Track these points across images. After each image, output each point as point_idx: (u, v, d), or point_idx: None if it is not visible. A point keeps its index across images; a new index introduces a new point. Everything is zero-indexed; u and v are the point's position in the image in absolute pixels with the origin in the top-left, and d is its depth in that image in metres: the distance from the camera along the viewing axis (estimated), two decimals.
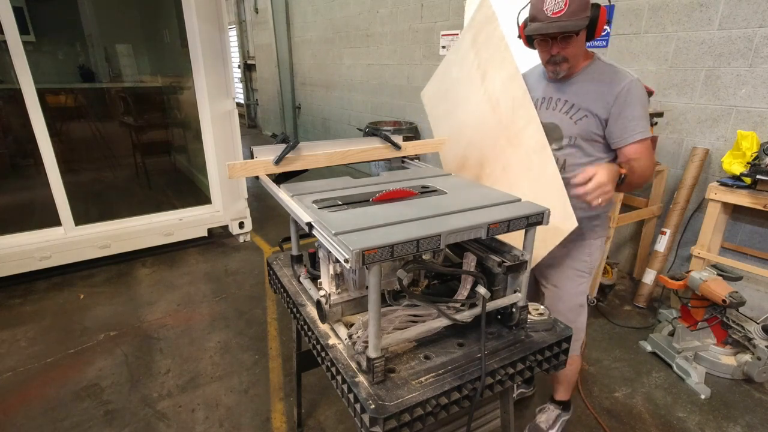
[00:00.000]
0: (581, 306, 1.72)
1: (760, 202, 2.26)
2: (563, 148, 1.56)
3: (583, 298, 1.71)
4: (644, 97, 1.45)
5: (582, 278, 1.68)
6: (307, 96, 7.77)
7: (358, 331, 1.08)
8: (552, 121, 1.57)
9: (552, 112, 1.58)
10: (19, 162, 3.91)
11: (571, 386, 1.93)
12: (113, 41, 4.31)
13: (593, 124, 1.49)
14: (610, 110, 1.45)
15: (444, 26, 4.54)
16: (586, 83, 1.51)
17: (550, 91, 1.59)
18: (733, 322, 2.21)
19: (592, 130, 1.50)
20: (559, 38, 1.43)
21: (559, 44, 1.44)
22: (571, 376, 1.89)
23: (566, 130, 1.54)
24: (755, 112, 2.46)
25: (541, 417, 1.97)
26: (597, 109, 1.47)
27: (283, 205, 1.26)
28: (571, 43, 1.43)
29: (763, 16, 2.35)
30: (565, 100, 1.55)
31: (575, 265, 1.66)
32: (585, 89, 1.50)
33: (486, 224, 1.04)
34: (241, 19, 9.32)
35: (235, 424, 2.00)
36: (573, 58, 1.47)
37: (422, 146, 1.76)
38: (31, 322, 2.72)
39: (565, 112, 1.55)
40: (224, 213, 3.78)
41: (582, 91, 1.51)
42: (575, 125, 1.52)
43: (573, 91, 1.53)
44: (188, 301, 2.98)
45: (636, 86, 1.43)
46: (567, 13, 1.36)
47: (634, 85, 1.43)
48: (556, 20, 1.38)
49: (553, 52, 1.47)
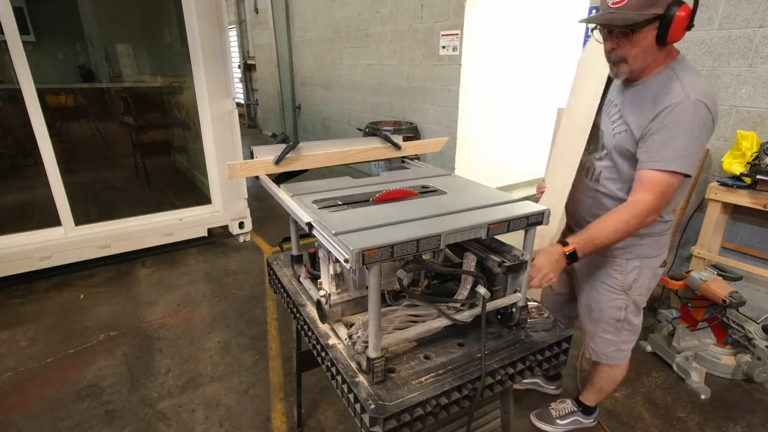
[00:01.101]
0: (619, 321, 1.60)
1: (760, 202, 2.26)
2: (602, 158, 1.46)
3: (621, 314, 1.59)
4: (691, 124, 1.20)
5: (611, 293, 1.57)
6: (307, 96, 7.77)
7: (358, 331, 1.08)
8: (602, 127, 1.46)
9: (605, 118, 1.46)
10: (19, 162, 3.91)
11: (598, 392, 1.86)
12: (113, 41, 4.31)
13: (629, 141, 1.33)
14: (647, 129, 1.27)
15: (444, 26, 4.54)
16: (643, 94, 1.32)
17: (618, 93, 1.44)
18: (733, 322, 2.21)
19: (628, 147, 1.34)
20: (615, 33, 1.25)
21: (614, 40, 1.26)
22: (600, 381, 1.80)
23: (607, 141, 1.43)
24: (755, 112, 2.46)
25: (556, 405, 1.97)
26: (636, 124, 1.31)
27: (283, 205, 1.26)
28: (628, 41, 1.24)
29: (763, 16, 2.35)
30: (618, 108, 1.41)
31: (602, 278, 1.58)
32: (637, 101, 1.33)
33: (486, 224, 1.04)
34: (241, 19, 9.32)
35: (235, 424, 2.00)
36: (633, 60, 1.27)
37: (422, 146, 1.75)
38: (31, 322, 2.72)
39: (612, 121, 1.41)
40: (224, 213, 3.78)
41: (634, 101, 1.34)
42: (613, 137, 1.40)
43: (628, 99, 1.37)
44: (188, 301, 2.98)
45: (685, 108, 1.20)
46: (627, 5, 1.17)
47: (685, 107, 1.20)
48: (612, 11, 1.20)
49: (606, 49, 1.31)
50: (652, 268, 1.53)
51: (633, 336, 1.66)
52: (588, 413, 1.93)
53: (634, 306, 1.59)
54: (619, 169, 1.41)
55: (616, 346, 1.66)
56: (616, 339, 1.64)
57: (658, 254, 1.52)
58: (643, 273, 1.53)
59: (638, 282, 1.54)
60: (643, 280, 1.54)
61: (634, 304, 1.58)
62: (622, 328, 1.62)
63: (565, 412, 1.94)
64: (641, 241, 1.48)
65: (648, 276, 1.54)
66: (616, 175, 1.43)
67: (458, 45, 4.40)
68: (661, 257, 1.54)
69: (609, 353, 1.68)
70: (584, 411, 1.93)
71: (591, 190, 1.52)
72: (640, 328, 1.66)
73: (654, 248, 1.51)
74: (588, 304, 1.67)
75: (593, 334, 1.68)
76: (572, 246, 1.28)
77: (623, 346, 1.67)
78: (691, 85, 1.23)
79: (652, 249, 1.50)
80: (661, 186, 1.25)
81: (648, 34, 1.22)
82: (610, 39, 1.28)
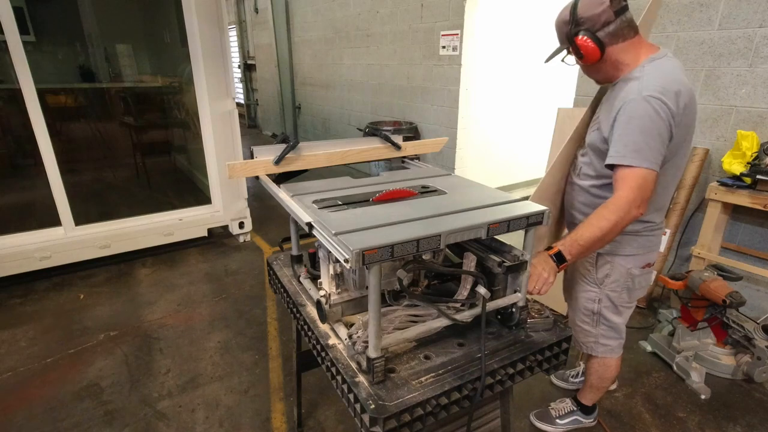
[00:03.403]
0: (594, 314, 1.65)
1: (760, 202, 2.26)
2: (584, 155, 1.53)
3: (594, 306, 1.63)
4: (641, 120, 1.25)
5: (586, 286, 1.63)
6: (307, 96, 7.77)
7: (358, 331, 1.08)
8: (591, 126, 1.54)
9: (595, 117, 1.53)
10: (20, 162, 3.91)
11: (594, 391, 1.88)
12: (113, 41, 4.31)
13: (599, 138, 1.41)
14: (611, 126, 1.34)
15: (444, 26, 4.54)
16: (614, 93, 1.40)
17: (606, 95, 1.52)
18: (733, 322, 2.21)
19: (598, 144, 1.42)
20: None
21: None
22: (591, 377, 1.83)
23: (587, 138, 1.52)
24: (755, 112, 2.46)
25: (555, 404, 1.98)
26: (605, 123, 1.39)
27: (283, 205, 1.26)
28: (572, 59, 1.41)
29: (763, 16, 2.35)
30: (599, 109, 1.50)
31: (578, 267, 1.64)
32: (610, 100, 1.42)
33: (486, 224, 1.04)
34: (241, 19, 9.32)
35: (235, 424, 2.00)
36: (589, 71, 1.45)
37: (422, 146, 1.76)
38: (31, 322, 2.72)
39: (593, 121, 1.50)
40: (224, 213, 3.78)
41: (608, 101, 1.43)
42: (589, 134, 1.49)
43: (606, 98, 1.47)
44: (188, 301, 2.98)
45: (634, 106, 1.26)
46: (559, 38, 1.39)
47: (635, 104, 1.26)
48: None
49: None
50: (626, 267, 1.53)
51: (613, 333, 1.67)
52: (587, 413, 1.94)
53: (609, 302, 1.60)
54: (594, 166, 1.48)
55: (594, 338, 1.70)
56: (594, 331, 1.69)
57: (632, 253, 1.51)
58: (615, 269, 1.54)
59: (610, 278, 1.56)
60: (615, 276, 1.55)
61: (608, 299, 1.60)
62: (598, 321, 1.66)
63: (564, 412, 1.94)
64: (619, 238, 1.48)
65: (621, 273, 1.54)
66: (592, 171, 1.49)
67: (458, 45, 4.40)
68: (638, 258, 1.52)
69: (587, 343, 1.73)
70: (583, 410, 1.93)
71: (573, 185, 1.59)
72: (621, 328, 1.67)
73: (626, 246, 1.50)
74: (569, 291, 1.75)
75: (573, 320, 1.76)
76: (557, 248, 1.31)
77: (602, 341, 1.70)
78: (647, 82, 1.27)
79: (624, 247, 1.51)
80: (630, 180, 1.27)
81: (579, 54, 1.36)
82: None
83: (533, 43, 4.90)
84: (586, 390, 1.89)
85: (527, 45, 4.87)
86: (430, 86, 4.95)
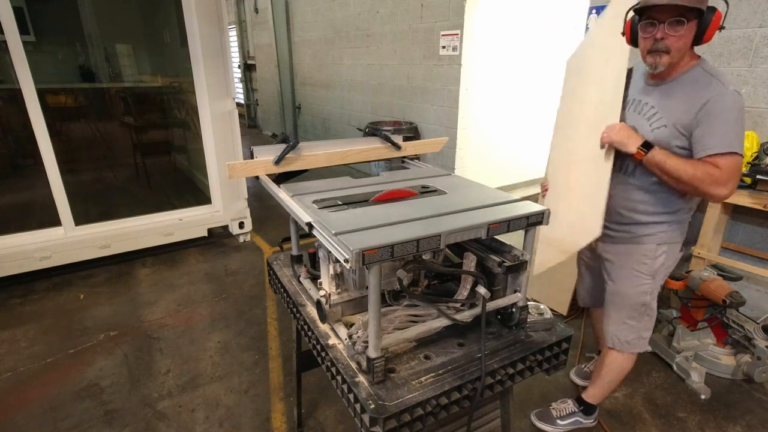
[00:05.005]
0: (644, 306, 1.67)
1: (760, 202, 2.26)
2: None
3: (646, 298, 1.65)
4: (734, 112, 1.33)
5: (640, 279, 1.63)
6: (307, 96, 7.77)
7: (358, 331, 1.08)
8: (633, 124, 1.51)
9: (636, 115, 1.52)
10: (20, 162, 3.91)
11: (607, 389, 1.87)
12: (113, 41, 4.31)
13: (671, 136, 1.42)
14: (694, 120, 1.37)
15: (444, 26, 4.54)
16: (676, 90, 1.43)
17: (644, 92, 1.53)
18: (733, 322, 2.21)
19: (670, 141, 1.43)
20: (667, 22, 1.34)
21: (667, 29, 1.35)
22: (611, 373, 1.81)
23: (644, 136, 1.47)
24: (755, 112, 2.46)
25: (557, 405, 1.98)
26: (679, 120, 1.40)
27: (283, 205, 1.26)
28: (678, 30, 1.34)
29: (763, 16, 2.35)
30: (651, 105, 1.48)
31: (633, 264, 1.63)
32: (673, 97, 1.43)
33: (486, 224, 1.04)
34: (241, 19, 9.32)
35: (235, 424, 2.00)
36: (676, 52, 1.38)
37: (422, 146, 1.76)
38: (31, 322, 2.72)
39: (648, 118, 1.49)
40: (224, 213, 3.78)
41: (670, 98, 1.44)
42: (651, 133, 1.46)
43: (662, 96, 1.47)
44: (188, 301, 2.98)
45: (726, 98, 1.33)
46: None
47: (726, 97, 1.33)
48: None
49: (658, 36, 1.37)
50: (675, 253, 1.65)
51: (651, 323, 1.73)
52: (588, 413, 1.93)
53: (655, 291, 1.68)
54: None
55: (638, 333, 1.72)
56: (638, 325, 1.70)
57: (680, 240, 1.63)
58: (669, 257, 1.63)
59: (664, 266, 1.64)
60: (669, 263, 1.64)
61: (656, 288, 1.67)
62: (644, 313, 1.68)
63: (566, 413, 1.94)
64: (669, 227, 1.58)
65: (673, 259, 1.65)
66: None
67: (458, 45, 4.40)
68: (681, 243, 1.65)
69: (631, 340, 1.73)
70: (585, 411, 1.93)
71: (623, 184, 1.59)
72: (656, 314, 1.73)
73: (678, 234, 1.62)
74: (616, 291, 1.71)
75: (618, 321, 1.73)
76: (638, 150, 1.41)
77: (644, 333, 1.73)
78: (724, 79, 1.37)
79: (677, 235, 1.61)
80: (729, 166, 1.34)
81: (692, 30, 1.35)
82: (661, 28, 1.36)
83: (533, 43, 4.90)
84: (598, 388, 1.88)
85: (527, 45, 4.87)
86: (430, 86, 4.95)
